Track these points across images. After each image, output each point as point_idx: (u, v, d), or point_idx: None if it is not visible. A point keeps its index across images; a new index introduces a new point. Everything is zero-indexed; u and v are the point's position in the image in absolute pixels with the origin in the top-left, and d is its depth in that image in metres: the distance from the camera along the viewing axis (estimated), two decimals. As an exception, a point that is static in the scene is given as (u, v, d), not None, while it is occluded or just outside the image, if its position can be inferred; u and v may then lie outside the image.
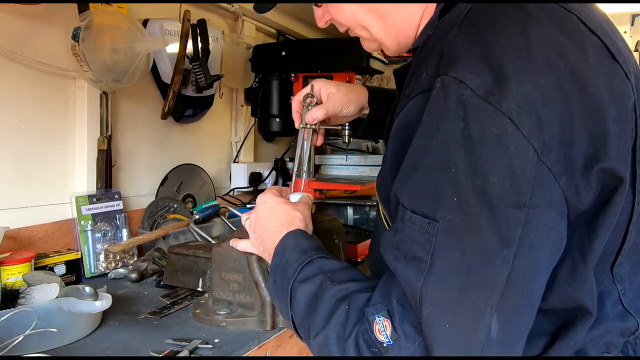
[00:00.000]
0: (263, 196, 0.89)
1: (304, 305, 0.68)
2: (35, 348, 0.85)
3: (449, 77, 0.52)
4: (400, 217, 0.55)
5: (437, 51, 0.56)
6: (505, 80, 0.50)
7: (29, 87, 1.27)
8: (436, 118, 0.52)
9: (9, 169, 1.24)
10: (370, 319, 0.57)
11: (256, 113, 2.05)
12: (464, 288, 0.51)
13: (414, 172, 0.54)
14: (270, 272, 0.78)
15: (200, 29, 1.60)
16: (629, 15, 2.23)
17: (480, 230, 0.49)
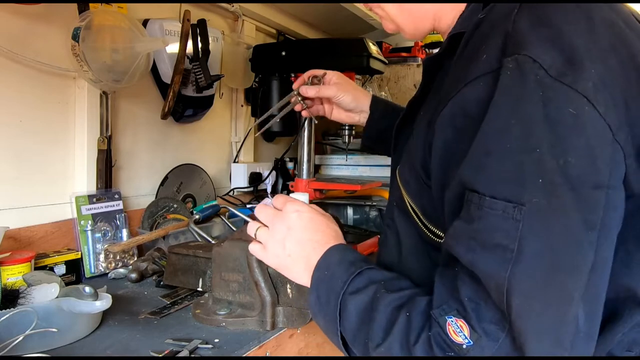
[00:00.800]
0: (292, 204, 0.79)
1: (357, 318, 0.64)
2: (35, 348, 0.85)
3: (523, 56, 0.50)
4: (476, 205, 0.51)
5: (499, 33, 0.54)
6: (578, 60, 0.50)
7: (29, 87, 1.27)
8: (513, 98, 0.50)
9: (9, 169, 1.24)
10: (440, 322, 0.54)
11: (256, 113, 2.05)
12: (553, 275, 0.48)
13: (489, 156, 0.51)
14: (311, 287, 0.72)
15: (200, 29, 1.60)
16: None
17: (566, 213, 0.48)
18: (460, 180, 0.54)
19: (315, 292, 0.72)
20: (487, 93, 0.53)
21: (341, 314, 0.66)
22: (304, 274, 0.76)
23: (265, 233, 0.81)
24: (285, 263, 0.78)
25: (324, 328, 0.72)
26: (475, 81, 0.54)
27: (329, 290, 0.69)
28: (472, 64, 0.56)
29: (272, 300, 0.95)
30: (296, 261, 0.77)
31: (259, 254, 0.83)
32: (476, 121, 0.53)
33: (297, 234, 0.77)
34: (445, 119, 0.58)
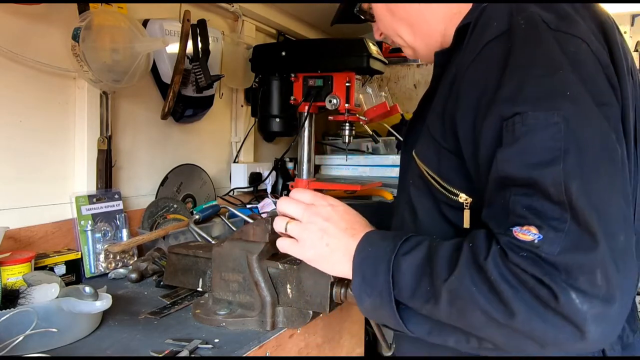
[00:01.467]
0: (324, 198, 0.81)
1: (415, 271, 0.67)
2: (35, 348, 0.85)
3: (530, 12, 0.65)
4: (520, 124, 0.60)
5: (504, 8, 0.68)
6: (569, 18, 0.67)
7: (29, 87, 1.27)
8: (532, 40, 0.63)
9: (9, 169, 1.24)
10: (507, 233, 0.59)
11: (256, 113, 2.05)
12: (596, 164, 0.58)
13: (523, 84, 0.61)
14: (354, 271, 0.74)
15: (200, 29, 1.60)
16: (629, 15, 2.23)
17: (593, 116, 0.60)
18: (497, 116, 0.62)
19: (359, 273, 0.73)
20: (505, 47, 0.64)
21: (394, 278, 0.68)
22: (342, 262, 0.77)
23: (298, 227, 0.80)
24: (323, 253, 0.78)
25: (371, 306, 0.72)
26: (492, 42, 0.66)
27: (376, 263, 0.71)
28: (484, 32, 0.68)
29: (272, 300, 0.95)
30: (334, 250, 0.77)
31: (291, 249, 0.82)
32: (496, 71, 0.63)
33: (336, 224, 0.78)
34: (470, 78, 0.67)
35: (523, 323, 0.57)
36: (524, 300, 0.56)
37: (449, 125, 0.71)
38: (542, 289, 0.55)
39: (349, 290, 0.89)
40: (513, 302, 0.56)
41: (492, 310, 0.58)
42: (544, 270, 0.55)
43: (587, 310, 0.54)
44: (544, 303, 0.55)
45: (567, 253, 0.55)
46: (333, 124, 2.28)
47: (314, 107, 1.95)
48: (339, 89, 1.84)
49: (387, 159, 2.09)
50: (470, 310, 0.60)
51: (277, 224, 0.83)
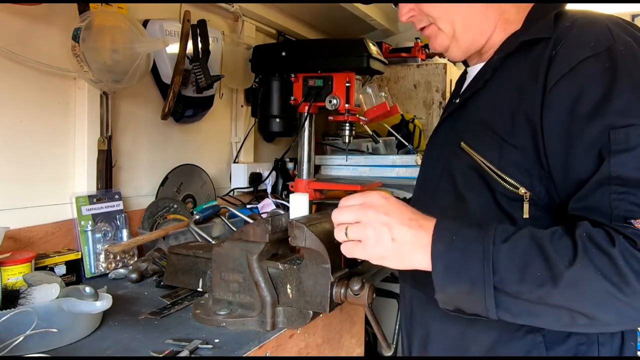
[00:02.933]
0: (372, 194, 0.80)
1: (522, 258, 0.69)
2: (35, 348, 0.85)
3: (626, 41, 0.74)
4: (634, 134, 0.68)
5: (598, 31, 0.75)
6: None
7: (29, 87, 1.27)
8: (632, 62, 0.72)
9: (9, 169, 1.24)
10: (627, 225, 0.67)
11: (256, 113, 2.05)
12: None
13: (632, 101, 0.70)
14: (434, 259, 0.73)
15: (200, 30, 1.60)
16: (629, 15, 2.23)
17: None
18: (605, 124, 0.70)
19: (442, 261, 0.73)
20: (605, 64, 0.72)
21: (495, 266, 0.70)
22: (412, 253, 0.75)
23: (358, 228, 0.78)
24: (390, 248, 0.76)
25: (456, 292, 0.73)
26: (590, 59, 0.73)
27: (465, 251, 0.72)
28: (577, 51, 0.74)
29: (272, 300, 0.95)
30: (402, 243, 0.75)
31: (357, 252, 0.79)
32: (601, 84, 0.71)
33: (398, 217, 0.76)
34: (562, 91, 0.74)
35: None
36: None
37: (524, 126, 0.78)
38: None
39: (349, 290, 0.89)
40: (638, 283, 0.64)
41: (616, 291, 0.65)
42: None
43: None
44: None
45: None
46: (333, 124, 2.29)
47: (314, 107, 1.95)
48: (339, 89, 1.84)
49: (387, 159, 2.09)
50: (591, 291, 0.66)
51: (338, 235, 0.80)
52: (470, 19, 0.89)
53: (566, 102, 0.74)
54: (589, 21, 0.78)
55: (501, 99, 0.83)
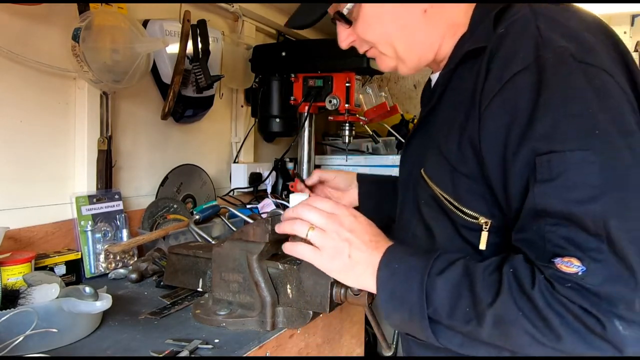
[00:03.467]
0: (344, 208, 0.81)
1: (452, 291, 0.68)
2: (35, 348, 0.85)
3: (559, 47, 0.67)
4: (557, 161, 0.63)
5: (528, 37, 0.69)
6: (590, 48, 0.68)
7: (29, 87, 1.27)
8: (562, 76, 0.65)
9: (9, 169, 1.24)
10: (550, 266, 0.63)
11: (256, 113, 2.05)
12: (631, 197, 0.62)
13: (559, 123, 0.64)
14: (380, 286, 0.75)
15: (200, 30, 1.60)
16: (629, 15, 2.22)
17: (621, 151, 0.63)
18: (530, 150, 0.65)
19: (386, 289, 0.74)
20: (533, 80, 0.66)
21: (428, 297, 0.69)
22: (364, 275, 0.77)
23: (322, 236, 0.79)
24: (345, 265, 0.78)
25: (401, 320, 0.74)
26: (519, 74, 0.67)
27: (406, 280, 0.72)
28: (509, 64, 0.68)
29: (272, 300, 0.95)
30: (357, 263, 0.77)
31: (311, 257, 0.81)
32: (527, 104, 0.66)
33: (360, 236, 0.78)
34: (494, 110, 0.69)
35: (569, 346, 0.62)
36: (572, 327, 0.61)
37: (468, 150, 0.73)
38: (588, 318, 0.60)
39: (349, 290, 0.89)
40: (560, 328, 0.61)
41: (539, 335, 0.63)
42: (589, 301, 0.60)
43: (629, 334, 0.59)
44: (591, 329, 0.60)
45: (608, 284, 0.60)
46: (333, 124, 2.29)
47: (314, 108, 1.95)
48: (339, 89, 1.84)
49: (387, 159, 2.09)
50: (515, 333, 0.64)
51: (298, 229, 0.81)
52: (411, 38, 0.84)
53: (498, 125, 0.69)
54: (522, 24, 0.72)
55: (451, 121, 0.78)
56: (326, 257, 0.79)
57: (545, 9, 0.73)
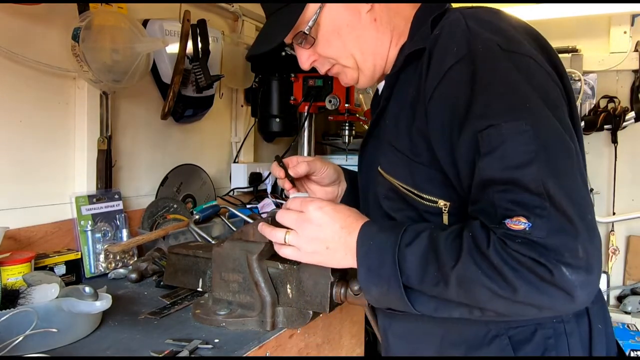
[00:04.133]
0: (311, 203, 0.85)
1: (421, 259, 0.74)
2: (35, 348, 0.85)
3: (484, 39, 0.74)
4: (495, 134, 0.70)
5: (459, 34, 0.76)
6: (512, 39, 0.76)
7: (29, 87, 1.27)
8: (490, 62, 0.73)
9: (9, 169, 1.24)
10: (501, 226, 0.69)
11: (256, 113, 2.05)
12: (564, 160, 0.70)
13: (491, 101, 0.71)
14: (359, 264, 0.80)
15: (200, 29, 1.60)
16: (629, 15, 2.22)
17: (550, 119, 0.71)
18: (471, 130, 0.71)
19: (364, 265, 0.79)
20: (468, 69, 0.73)
21: (401, 267, 0.75)
22: (345, 257, 0.82)
23: (296, 237, 0.85)
24: (326, 255, 0.84)
25: (379, 293, 0.79)
26: (454, 66, 0.74)
27: (380, 254, 0.77)
28: (445, 58, 0.75)
29: (272, 300, 0.95)
30: (335, 250, 0.83)
31: (295, 256, 0.86)
32: (468, 88, 0.72)
33: (329, 227, 0.83)
34: (436, 101, 0.76)
35: (524, 296, 0.67)
36: (524, 278, 0.67)
37: (420, 141, 0.80)
38: (538, 267, 0.66)
39: (349, 290, 0.89)
40: (515, 280, 0.67)
41: (497, 289, 0.68)
42: (538, 252, 0.66)
43: (575, 279, 0.65)
44: (541, 278, 0.66)
45: (553, 235, 0.66)
46: (333, 124, 2.29)
47: (314, 107, 1.95)
48: (339, 89, 1.84)
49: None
50: (477, 289, 0.70)
51: (276, 236, 0.87)
52: (365, 46, 0.89)
53: (442, 113, 0.75)
54: (454, 24, 0.79)
55: (400, 118, 0.84)
56: (307, 254, 0.85)
57: (474, 12, 0.82)
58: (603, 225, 2.31)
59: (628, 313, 2.22)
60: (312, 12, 0.87)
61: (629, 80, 2.30)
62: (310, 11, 0.87)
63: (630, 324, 2.17)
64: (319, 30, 0.88)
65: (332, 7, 0.87)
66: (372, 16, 0.88)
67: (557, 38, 2.26)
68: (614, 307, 2.29)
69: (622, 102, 2.28)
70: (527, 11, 2.10)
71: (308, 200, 0.87)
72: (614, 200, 2.33)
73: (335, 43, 0.90)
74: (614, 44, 2.27)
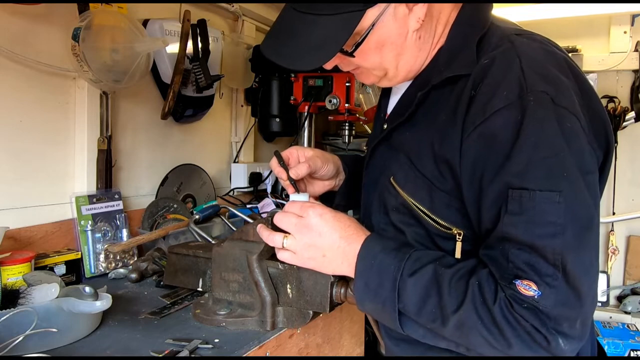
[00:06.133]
0: (312, 209, 0.85)
1: (421, 294, 0.75)
2: (35, 348, 0.85)
3: (538, 91, 0.72)
4: (527, 198, 0.70)
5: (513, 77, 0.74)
6: (563, 91, 0.74)
7: (29, 87, 1.27)
8: (538, 121, 0.71)
9: (9, 169, 1.24)
10: (511, 287, 0.70)
11: (256, 113, 2.05)
12: (586, 233, 0.71)
13: (532, 163, 0.70)
14: (357, 276, 0.81)
15: (200, 29, 1.60)
16: (629, 15, 2.23)
17: (582, 191, 0.71)
18: (504, 183, 0.72)
19: (362, 279, 0.80)
20: (515, 119, 0.72)
21: (400, 294, 0.76)
22: (342, 266, 0.84)
23: (294, 242, 0.86)
24: (322, 262, 0.85)
25: (374, 309, 0.81)
26: (502, 110, 0.72)
27: (381, 276, 0.78)
28: (494, 98, 0.73)
29: (272, 300, 0.95)
30: (333, 259, 0.84)
31: (292, 260, 0.88)
32: (508, 139, 0.71)
33: (328, 236, 0.84)
34: (474, 139, 0.74)
35: (516, 352, 0.71)
36: (521, 338, 0.70)
37: (446, 170, 0.79)
38: (537, 334, 0.69)
39: (349, 290, 0.89)
40: (512, 338, 0.70)
41: (493, 341, 0.71)
42: (540, 320, 0.69)
43: (568, 348, 0.70)
44: (537, 343, 0.70)
45: (559, 306, 0.69)
46: (333, 124, 2.29)
47: (314, 107, 1.95)
48: (339, 89, 1.84)
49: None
50: (473, 336, 0.73)
51: (274, 241, 0.87)
52: (403, 63, 0.85)
53: (478, 153, 0.74)
54: (506, 62, 0.76)
55: (425, 140, 0.81)
56: (303, 259, 0.86)
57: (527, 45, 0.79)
58: (603, 225, 2.31)
59: (628, 313, 2.22)
60: (365, 25, 0.79)
61: (629, 80, 2.30)
62: (364, 24, 0.79)
63: (630, 324, 2.17)
64: (365, 44, 0.81)
65: (383, 24, 0.80)
66: (418, 34, 0.83)
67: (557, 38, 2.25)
68: (614, 307, 2.30)
69: (622, 102, 2.28)
70: (528, 11, 2.10)
71: (308, 205, 0.87)
72: (614, 200, 2.33)
73: (373, 57, 0.84)
74: (614, 44, 2.27)
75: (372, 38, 0.81)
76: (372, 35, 0.80)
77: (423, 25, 0.82)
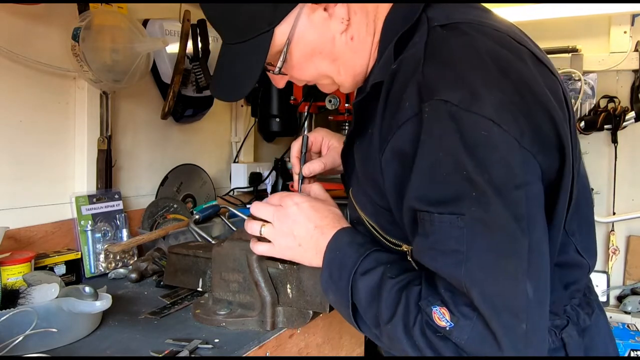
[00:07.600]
0: (289, 198, 0.84)
1: (367, 295, 0.74)
2: (35, 348, 0.85)
3: (435, 100, 0.63)
4: (428, 222, 0.64)
5: (413, 82, 0.66)
6: (478, 92, 0.63)
7: (29, 87, 1.27)
8: (435, 136, 0.63)
9: (9, 169, 1.24)
10: (427, 311, 0.66)
11: (256, 113, 2.05)
12: (498, 263, 0.61)
13: (431, 183, 0.64)
14: (323, 267, 0.81)
15: (200, 29, 1.60)
16: (629, 15, 2.22)
17: (497, 213, 0.61)
18: (409, 206, 0.67)
19: (327, 270, 0.80)
20: (414, 134, 0.65)
21: (352, 290, 0.76)
22: (315, 258, 0.83)
23: (271, 229, 0.85)
24: (298, 252, 0.85)
25: (335, 300, 0.81)
26: (404, 125, 0.66)
27: (341, 269, 0.78)
28: (399, 111, 0.67)
29: (272, 300, 0.95)
30: (307, 249, 0.83)
31: (269, 252, 0.87)
32: (412, 157, 0.65)
33: (303, 225, 0.83)
34: (388, 158, 0.69)
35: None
36: None
37: (378, 188, 0.74)
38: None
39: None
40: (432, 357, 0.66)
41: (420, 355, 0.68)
42: (457, 352, 0.64)
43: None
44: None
45: (473, 343, 0.62)
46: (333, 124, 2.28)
47: (314, 107, 1.95)
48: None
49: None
50: (402, 351, 0.70)
51: (252, 228, 0.87)
52: (343, 67, 0.81)
53: (392, 172, 0.69)
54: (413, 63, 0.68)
55: (366, 156, 0.77)
56: (280, 248, 0.86)
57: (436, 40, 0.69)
58: (603, 225, 2.31)
59: (628, 313, 2.22)
60: (280, 43, 0.76)
61: (629, 80, 2.30)
62: (278, 42, 0.76)
63: (630, 324, 2.17)
64: (291, 60, 0.79)
65: (301, 35, 0.76)
66: (348, 35, 0.77)
67: (557, 38, 2.26)
68: (614, 307, 2.29)
69: (622, 102, 2.28)
70: (528, 11, 2.10)
71: (287, 195, 0.86)
72: (614, 200, 2.32)
73: (308, 69, 0.81)
74: (614, 44, 2.27)
75: (295, 52, 0.77)
76: (293, 49, 0.77)
77: (351, 24, 0.76)
